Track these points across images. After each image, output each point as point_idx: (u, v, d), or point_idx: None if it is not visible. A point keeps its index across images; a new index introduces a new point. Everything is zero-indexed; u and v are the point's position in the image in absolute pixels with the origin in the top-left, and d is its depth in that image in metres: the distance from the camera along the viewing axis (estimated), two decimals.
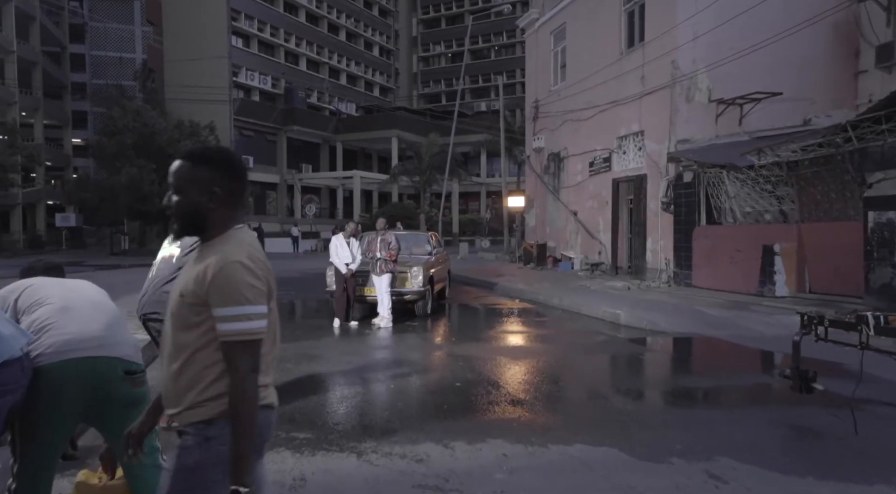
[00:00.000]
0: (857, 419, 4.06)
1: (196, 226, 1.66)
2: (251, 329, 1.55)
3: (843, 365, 5.61)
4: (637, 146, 14.58)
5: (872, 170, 8.72)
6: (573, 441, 3.93)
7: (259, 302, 1.57)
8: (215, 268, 1.55)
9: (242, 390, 1.53)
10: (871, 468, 3.52)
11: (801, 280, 10.39)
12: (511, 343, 7.93)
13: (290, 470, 3.45)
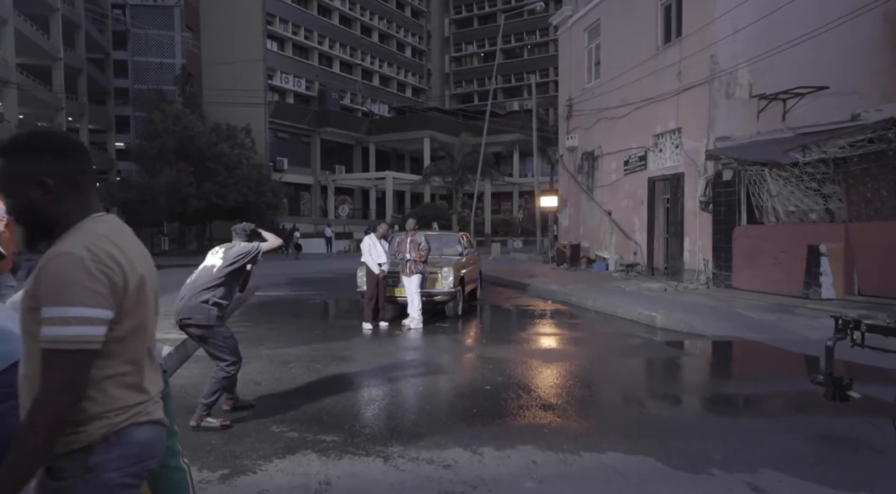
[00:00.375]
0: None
1: (40, 226, 1.41)
2: (73, 336, 1.27)
3: (890, 371, 5.31)
4: (674, 144, 14.21)
5: None
6: (607, 449, 3.79)
7: (91, 304, 1.29)
8: (42, 262, 1.31)
9: (41, 412, 1.25)
10: None
11: (848, 281, 9.92)
12: (543, 345, 7.78)
13: (315, 474, 3.41)
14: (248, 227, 4.69)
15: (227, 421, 4.24)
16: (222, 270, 4.34)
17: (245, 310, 10.64)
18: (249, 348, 7.09)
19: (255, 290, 12.98)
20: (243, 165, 30.08)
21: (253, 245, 4.53)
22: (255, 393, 5.09)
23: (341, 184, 41.56)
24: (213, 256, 4.50)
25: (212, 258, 4.49)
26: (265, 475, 3.41)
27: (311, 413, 4.57)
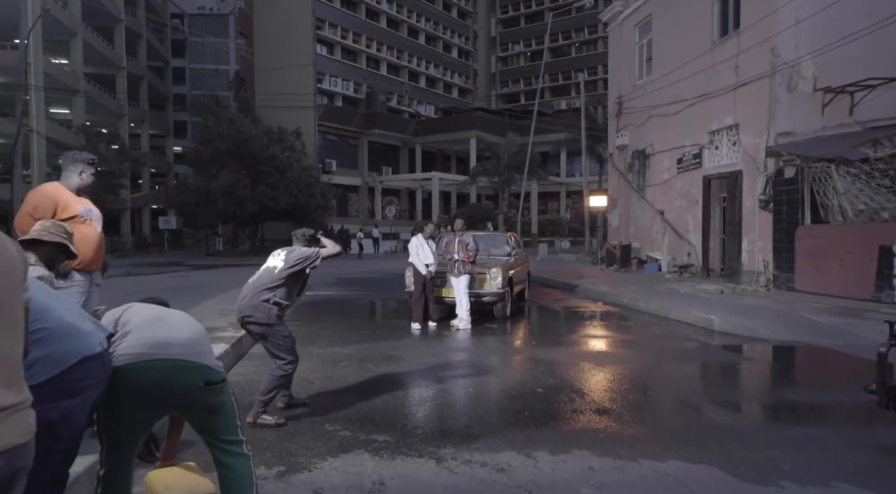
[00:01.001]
0: None
1: None
2: None
3: None
4: (731, 140, 13.69)
5: None
6: (666, 457, 3.65)
7: None
8: None
9: None
10: None
11: None
12: (595, 348, 7.60)
13: (369, 474, 3.40)
14: (308, 233, 4.80)
15: (282, 419, 4.30)
16: (283, 272, 4.46)
17: (296, 309, 10.83)
18: (301, 346, 7.16)
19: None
20: (293, 168, 30.77)
21: (313, 250, 4.61)
22: (307, 391, 5.15)
23: (388, 185, 41.98)
24: (275, 258, 4.63)
25: (273, 260, 4.62)
26: (319, 473, 3.43)
27: (363, 413, 4.59)
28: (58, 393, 1.78)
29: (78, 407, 1.86)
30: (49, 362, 1.77)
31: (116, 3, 35.83)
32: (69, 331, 1.86)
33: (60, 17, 28.13)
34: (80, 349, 1.85)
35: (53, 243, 3.08)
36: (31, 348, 1.75)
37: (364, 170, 41.32)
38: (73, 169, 3.98)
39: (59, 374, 1.78)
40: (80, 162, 4.02)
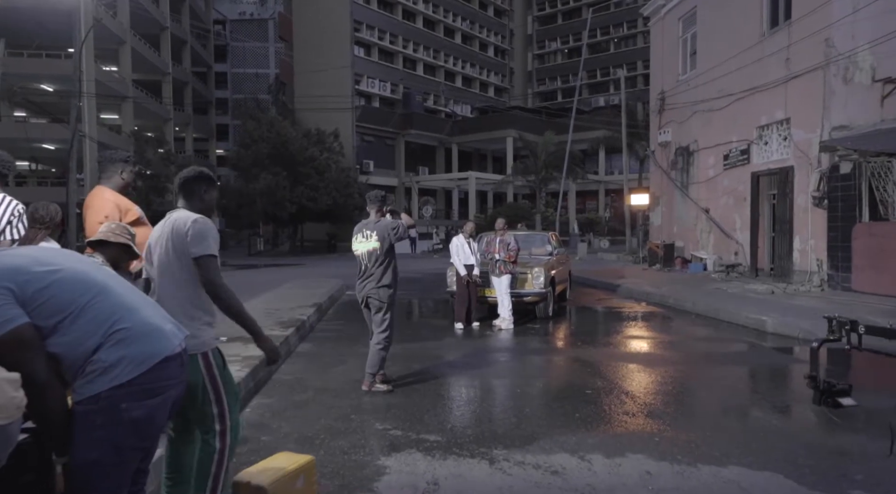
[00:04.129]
0: None
1: None
2: None
3: None
4: (781, 135, 13.22)
5: None
6: (727, 463, 3.52)
7: None
8: None
9: None
10: None
11: None
12: (642, 348, 7.43)
13: (422, 473, 3.39)
14: (380, 194, 5.36)
15: (391, 387, 5.12)
16: (384, 252, 5.04)
17: (338, 309, 10.95)
18: (348, 346, 7.28)
19: (345, 289, 13.35)
20: (332, 169, 31.17)
21: (396, 221, 5.08)
22: (356, 389, 5.18)
23: (425, 184, 42.11)
24: (367, 241, 5.08)
25: (366, 243, 5.08)
26: (372, 471, 3.43)
27: (412, 412, 4.59)
28: (142, 393, 1.81)
29: (160, 407, 1.89)
30: (133, 361, 1.81)
31: (162, 11, 36.96)
32: (151, 332, 1.89)
33: (111, 27, 29.16)
34: (161, 349, 1.88)
35: (119, 244, 3.17)
36: (115, 347, 1.79)
37: (401, 170, 41.55)
38: (114, 169, 4.05)
39: (142, 374, 1.81)
40: (119, 161, 4.10)
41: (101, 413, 1.76)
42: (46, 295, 1.76)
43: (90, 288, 1.85)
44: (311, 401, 4.89)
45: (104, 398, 1.77)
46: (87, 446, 1.77)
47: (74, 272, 1.87)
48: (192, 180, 2.67)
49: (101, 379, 1.77)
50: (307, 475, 2.80)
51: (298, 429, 4.17)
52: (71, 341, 1.77)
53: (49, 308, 1.75)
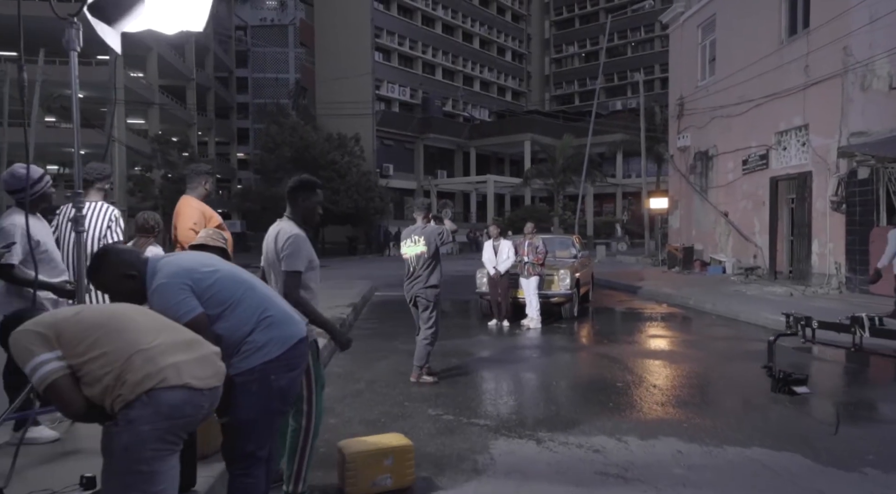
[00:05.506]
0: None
1: None
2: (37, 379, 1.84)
3: None
4: (800, 141, 13.49)
5: None
6: (750, 445, 3.92)
7: (38, 353, 1.83)
8: None
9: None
10: None
11: None
12: (665, 346, 7.82)
13: (479, 450, 3.84)
14: (427, 202, 5.78)
15: (436, 379, 5.58)
16: (431, 256, 5.52)
17: (371, 308, 11.44)
18: (385, 342, 7.76)
19: (374, 290, 13.85)
20: (353, 172, 31.76)
21: (441, 227, 5.60)
22: (403, 381, 5.64)
23: (443, 188, 42.60)
24: (416, 245, 5.58)
25: (415, 247, 5.58)
26: (434, 448, 3.88)
27: (459, 400, 5.04)
28: (285, 367, 2.28)
29: (297, 378, 2.37)
30: (278, 342, 2.28)
31: None
32: (287, 318, 2.36)
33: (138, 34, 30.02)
34: (296, 332, 2.36)
35: (217, 247, 3.66)
36: (265, 330, 2.27)
37: (420, 173, 42.09)
38: (199, 181, 4.58)
39: (285, 351, 2.28)
40: (203, 174, 4.64)
41: (255, 383, 2.23)
42: (213, 291, 2.24)
43: (241, 284, 2.33)
44: (366, 391, 5.36)
45: (258, 370, 2.24)
46: (245, 408, 2.24)
47: (228, 271, 2.35)
48: (293, 189, 3.17)
49: (255, 356, 2.24)
50: (398, 456, 3.21)
51: (360, 414, 4.64)
52: (230, 326, 2.24)
53: (215, 300, 2.23)
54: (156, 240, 4.07)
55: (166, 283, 2.18)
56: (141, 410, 1.82)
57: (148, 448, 1.83)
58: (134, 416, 1.82)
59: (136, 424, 1.82)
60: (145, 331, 1.94)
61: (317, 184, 3.28)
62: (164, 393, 1.85)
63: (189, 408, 1.90)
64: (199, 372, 1.93)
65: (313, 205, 3.21)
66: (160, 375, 1.85)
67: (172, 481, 1.92)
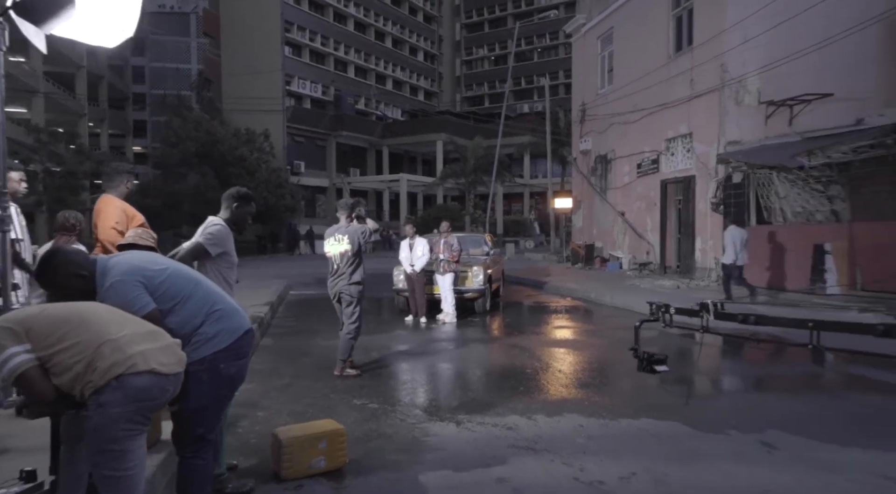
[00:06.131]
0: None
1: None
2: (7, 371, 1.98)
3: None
4: (685, 148, 14.88)
5: None
6: (640, 417, 4.52)
7: (8, 347, 1.97)
8: None
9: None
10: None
11: (852, 278, 10.59)
12: (569, 336, 8.50)
13: (405, 434, 4.16)
14: (350, 201, 6.07)
15: (360, 372, 5.85)
16: (355, 253, 5.74)
17: (287, 307, 11.42)
18: (306, 339, 7.89)
19: (289, 288, 13.77)
20: (262, 169, 30.97)
21: (364, 226, 5.83)
22: (328, 375, 5.84)
23: (356, 186, 42.42)
24: (337, 244, 5.79)
25: (338, 245, 5.79)
26: (364, 433, 4.16)
27: (383, 391, 5.33)
28: (234, 355, 2.49)
29: (244, 367, 2.58)
30: (227, 333, 2.48)
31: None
32: (236, 311, 2.57)
33: None
34: (243, 324, 2.57)
35: (147, 246, 3.74)
36: (214, 323, 2.46)
37: (332, 171, 41.66)
38: (120, 179, 4.59)
39: (234, 341, 2.49)
40: (124, 173, 4.65)
41: (206, 372, 2.43)
42: (165, 287, 2.41)
43: (190, 281, 2.51)
44: (291, 385, 5.52)
45: (208, 360, 2.44)
46: (197, 396, 2.43)
47: (177, 269, 2.53)
48: (232, 197, 3.53)
49: (206, 346, 2.44)
50: (331, 440, 3.46)
51: (288, 407, 4.82)
52: (181, 319, 2.42)
53: (167, 295, 2.41)
54: (77, 238, 4.05)
55: (121, 280, 2.33)
56: (111, 394, 1.99)
57: (119, 428, 2.00)
58: (104, 400, 1.99)
59: (106, 407, 1.98)
60: (111, 324, 2.11)
61: (253, 197, 3.76)
62: (133, 377, 2.03)
63: (156, 391, 2.09)
64: (163, 359, 2.13)
65: (246, 214, 3.68)
66: (129, 362, 2.03)
67: (141, 459, 2.10)
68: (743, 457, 3.70)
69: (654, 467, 3.51)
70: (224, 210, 3.72)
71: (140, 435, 2.11)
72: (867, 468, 3.49)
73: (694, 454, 3.76)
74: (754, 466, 3.56)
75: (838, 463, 3.57)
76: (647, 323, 6.11)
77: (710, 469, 3.52)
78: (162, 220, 31.75)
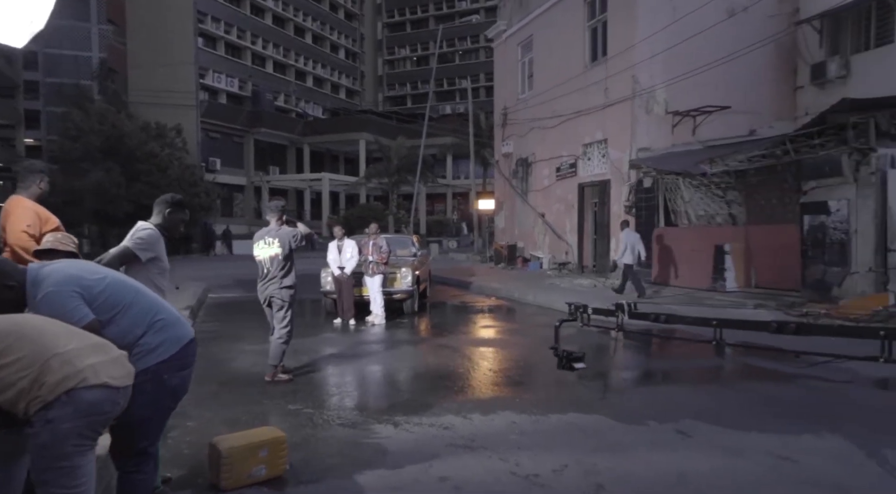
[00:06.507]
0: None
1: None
2: None
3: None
4: (601, 153, 15.67)
5: (807, 179, 9.94)
6: (568, 411, 4.78)
7: None
8: None
9: None
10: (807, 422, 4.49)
11: (748, 276, 11.60)
12: (496, 335, 8.77)
13: (343, 438, 4.19)
14: (280, 203, 5.97)
15: (292, 376, 5.76)
16: (286, 257, 5.64)
17: (207, 311, 11.00)
18: (232, 344, 7.66)
19: (208, 291, 13.25)
20: (174, 166, 29.43)
21: (295, 230, 5.74)
22: (259, 381, 5.73)
23: (275, 184, 41.21)
24: (267, 247, 5.67)
25: (268, 249, 5.66)
26: (301, 438, 4.14)
27: (317, 395, 5.31)
28: (178, 366, 2.44)
29: (188, 377, 2.53)
30: (171, 343, 2.43)
31: None
32: (178, 321, 2.52)
33: None
34: (187, 333, 2.52)
35: (67, 252, 3.55)
36: (157, 333, 2.41)
37: (250, 169, 40.22)
38: (33, 179, 4.29)
39: (177, 351, 2.44)
40: (37, 172, 4.36)
41: (149, 383, 2.37)
42: (104, 296, 2.33)
43: (130, 290, 2.45)
44: (221, 392, 5.38)
45: (152, 371, 2.38)
46: (140, 407, 2.36)
47: (116, 277, 2.45)
48: (165, 202, 3.48)
49: (149, 357, 2.38)
50: (272, 447, 3.43)
51: (220, 414, 4.70)
52: (122, 330, 2.36)
53: (106, 305, 2.33)
54: None
55: (56, 291, 2.23)
56: (60, 410, 1.92)
57: (69, 443, 1.94)
58: (53, 416, 1.91)
59: (55, 423, 1.91)
60: (56, 336, 2.03)
61: (186, 203, 3.80)
62: (84, 392, 1.96)
63: (108, 405, 2.03)
64: (114, 372, 2.07)
65: (179, 221, 3.69)
66: (80, 375, 1.96)
67: (91, 475, 2.03)
68: (662, 446, 4.03)
69: (583, 459, 3.75)
70: (156, 215, 3.70)
71: (90, 451, 2.04)
72: (766, 449, 3.91)
73: (618, 445, 4.05)
74: (672, 453, 3.89)
75: (743, 447, 3.97)
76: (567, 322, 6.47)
77: (633, 458, 3.81)
78: (61, 218, 29.44)
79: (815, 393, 5.39)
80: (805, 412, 4.78)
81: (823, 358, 3.84)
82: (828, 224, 9.53)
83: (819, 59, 13.86)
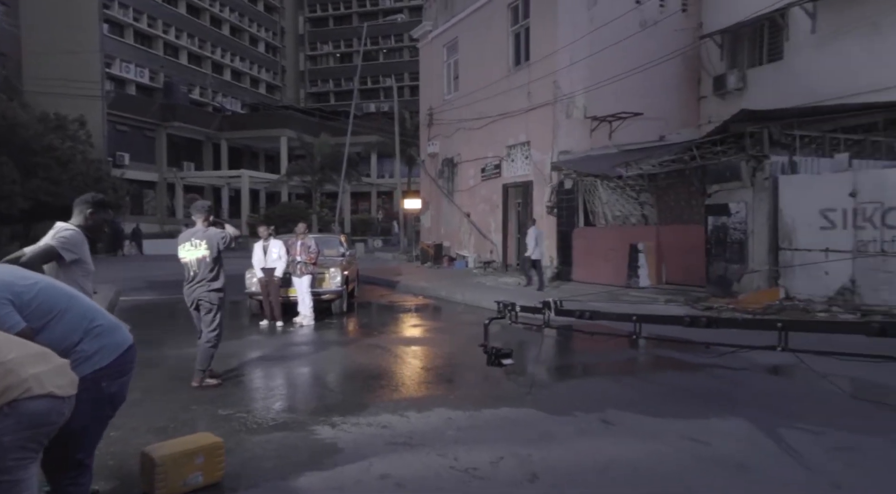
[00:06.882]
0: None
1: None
2: None
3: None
4: (524, 155, 16.17)
5: (711, 183, 10.75)
6: (500, 406, 4.97)
7: None
8: None
9: None
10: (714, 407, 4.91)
11: (659, 273, 12.38)
12: (426, 334, 8.89)
13: (280, 441, 4.15)
14: (207, 204, 5.82)
15: (220, 381, 5.64)
16: (214, 259, 5.48)
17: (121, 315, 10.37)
18: (152, 350, 7.31)
19: (119, 294, 12.55)
20: (77, 160, 27.44)
21: (224, 231, 5.58)
22: (185, 387, 5.54)
23: (191, 181, 39.33)
24: (194, 249, 5.47)
25: (196, 250, 5.47)
26: (235, 444, 4.06)
27: (248, 399, 5.21)
28: (117, 373, 2.36)
29: (126, 385, 2.45)
30: (109, 349, 2.35)
31: None
32: (116, 327, 2.43)
33: None
34: (126, 339, 2.44)
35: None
36: (94, 339, 2.33)
37: (163, 164, 38.13)
38: None
39: (116, 359, 2.36)
40: None
41: (87, 391, 2.29)
42: (36, 303, 2.23)
43: (64, 295, 2.35)
44: (145, 399, 5.15)
45: (89, 379, 2.30)
46: (78, 416, 2.27)
47: (49, 283, 2.34)
48: (86, 202, 3.40)
49: (86, 365, 2.30)
50: (209, 454, 3.36)
51: (145, 423, 4.51)
52: (56, 336, 2.26)
53: (39, 312, 2.23)
54: None
55: None
56: (1, 422, 1.83)
57: (10, 457, 1.85)
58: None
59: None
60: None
61: (110, 203, 3.71)
62: (29, 402, 1.88)
63: (54, 416, 1.96)
64: (58, 381, 1.99)
65: (103, 221, 3.62)
66: (24, 386, 1.88)
67: (33, 489, 1.95)
68: (589, 434, 4.29)
69: (518, 450, 3.92)
70: (76, 216, 3.57)
71: (32, 463, 1.95)
72: (681, 433, 4.25)
73: (549, 435, 4.27)
74: (598, 441, 4.15)
75: (661, 432, 4.30)
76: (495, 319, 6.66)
77: (563, 447, 4.03)
78: None
79: (719, 381, 5.90)
80: (712, 398, 5.23)
81: (729, 348, 4.24)
82: (729, 224, 10.36)
83: (720, 71, 15.00)
